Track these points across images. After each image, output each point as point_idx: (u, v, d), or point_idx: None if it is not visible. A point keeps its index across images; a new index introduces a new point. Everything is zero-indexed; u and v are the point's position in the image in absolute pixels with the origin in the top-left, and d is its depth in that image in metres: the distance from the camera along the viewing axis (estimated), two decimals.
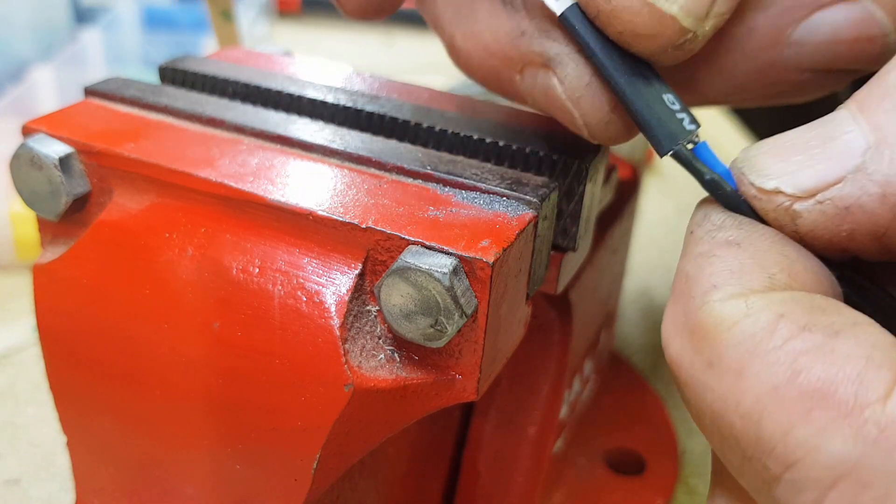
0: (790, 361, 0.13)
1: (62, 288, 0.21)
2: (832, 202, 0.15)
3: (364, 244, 0.18)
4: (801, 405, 0.13)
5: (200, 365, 0.19)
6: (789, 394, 0.13)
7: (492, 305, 0.18)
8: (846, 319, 0.14)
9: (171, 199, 0.20)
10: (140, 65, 0.66)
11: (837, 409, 0.12)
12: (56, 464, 0.32)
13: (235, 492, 0.20)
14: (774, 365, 0.13)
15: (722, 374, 0.14)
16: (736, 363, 0.14)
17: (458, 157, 0.21)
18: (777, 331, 0.13)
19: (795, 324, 0.13)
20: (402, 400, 0.19)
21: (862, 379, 0.12)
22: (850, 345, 0.13)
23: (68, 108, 0.23)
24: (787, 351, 0.13)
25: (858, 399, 0.12)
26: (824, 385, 0.13)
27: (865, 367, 0.13)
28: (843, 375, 0.13)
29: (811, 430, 0.13)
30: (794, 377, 0.13)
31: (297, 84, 0.25)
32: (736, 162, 0.16)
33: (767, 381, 0.13)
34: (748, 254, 0.15)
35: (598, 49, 0.18)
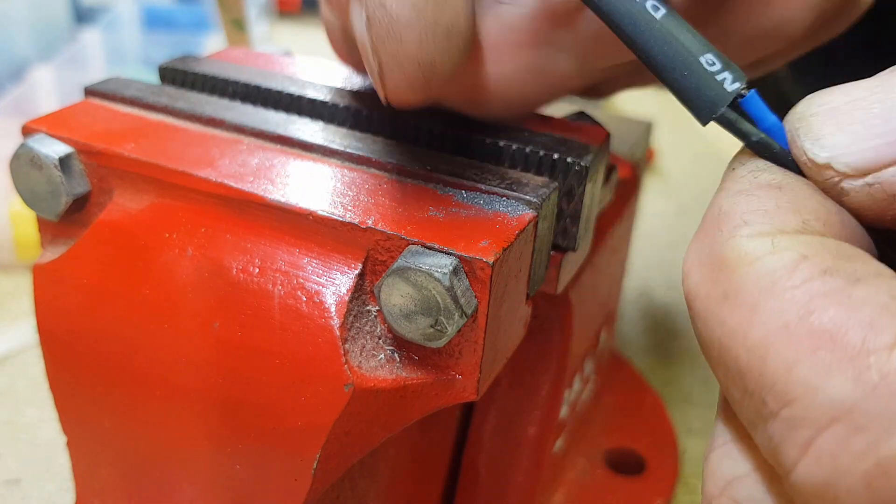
0: (805, 301, 0.13)
1: (62, 288, 0.21)
2: (881, 187, 0.14)
3: (364, 244, 0.18)
4: (809, 344, 0.13)
5: (200, 365, 0.19)
6: (798, 332, 0.13)
7: (492, 305, 0.18)
8: (870, 269, 0.13)
9: (171, 199, 0.20)
10: (140, 65, 0.66)
11: (843, 351, 0.12)
12: (56, 464, 0.32)
13: (235, 492, 0.20)
14: (789, 303, 0.13)
15: (736, 306, 0.14)
16: (751, 297, 0.14)
17: (458, 157, 0.21)
18: (797, 270, 0.13)
19: (817, 266, 0.13)
20: (402, 400, 0.19)
21: (873, 325, 0.12)
22: (869, 292, 0.13)
23: (68, 108, 0.23)
24: (803, 291, 0.13)
25: (866, 344, 0.12)
26: (835, 327, 0.13)
27: (879, 314, 0.12)
28: (855, 320, 0.13)
29: (814, 370, 0.13)
30: (805, 316, 0.13)
31: (297, 84, 0.25)
32: (792, 117, 0.16)
33: (779, 317, 0.13)
34: (787, 198, 0.15)
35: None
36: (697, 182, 0.66)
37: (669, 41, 0.16)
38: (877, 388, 0.12)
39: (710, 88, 0.16)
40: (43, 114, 0.23)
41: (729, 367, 0.14)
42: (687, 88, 0.16)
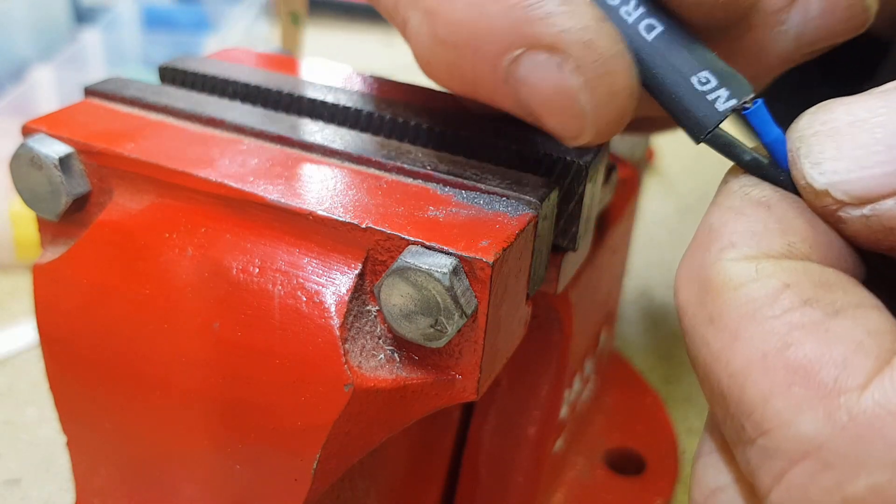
0: (784, 333, 0.13)
1: (62, 288, 0.21)
2: (879, 218, 0.14)
3: (364, 244, 0.18)
4: (784, 378, 0.13)
5: (200, 365, 0.19)
6: (775, 364, 0.13)
7: (492, 305, 0.18)
8: (851, 299, 0.14)
9: (171, 199, 0.20)
10: (140, 65, 0.66)
11: (816, 389, 0.13)
12: (56, 464, 0.32)
13: (235, 492, 0.20)
14: (768, 333, 0.13)
15: (719, 331, 0.14)
16: (734, 324, 0.14)
17: (458, 157, 0.21)
18: (779, 300, 0.14)
19: (798, 296, 0.13)
20: (402, 400, 0.19)
21: (846, 364, 0.13)
22: (846, 326, 0.13)
23: (68, 108, 0.23)
24: (783, 322, 0.13)
25: (838, 383, 0.13)
26: (810, 363, 0.13)
27: (854, 352, 0.13)
28: (830, 357, 0.13)
29: (788, 404, 0.13)
30: (783, 349, 0.13)
31: (297, 84, 0.25)
32: (793, 135, 0.15)
33: (759, 347, 0.13)
34: (775, 218, 0.15)
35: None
36: (697, 182, 0.66)
37: (660, 63, 0.16)
38: (845, 428, 0.12)
39: (699, 109, 0.16)
40: (43, 114, 0.23)
41: (713, 389, 0.14)
42: (677, 110, 0.16)
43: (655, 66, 0.16)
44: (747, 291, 0.14)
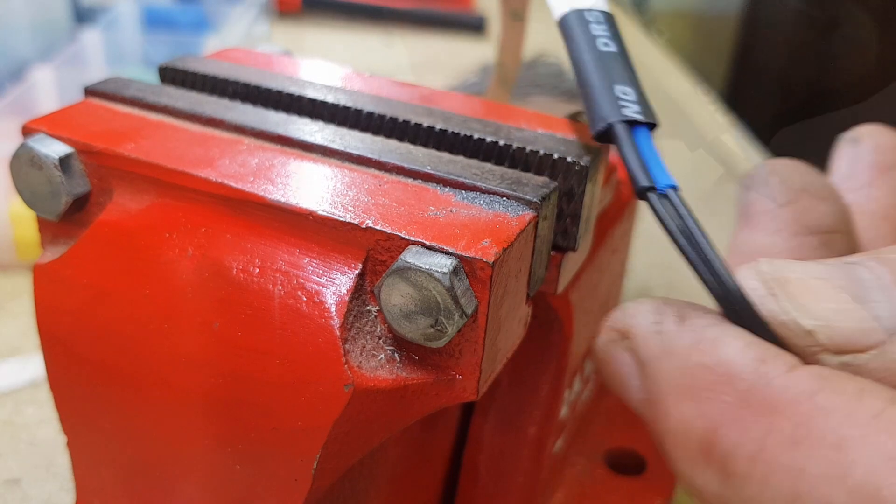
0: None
1: (62, 288, 0.21)
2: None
3: (364, 244, 0.18)
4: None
5: (200, 365, 0.19)
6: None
7: (492, 305, 0.18)
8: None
9: (171, 199, 0.20)
10: (140, 65, 0.66)
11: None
12: (56, 464, 0.32)
13: (235, 492, 0.20)
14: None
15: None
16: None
17: (458, 157, 0.21)
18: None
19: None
20: (402, 400, 0.19)
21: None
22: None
23: (68, 108, 0.23)
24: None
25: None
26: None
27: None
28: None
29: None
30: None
31: (297, 84, 0.25)
32: (761, 272, 0.15)
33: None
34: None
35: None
36: (697, 182, 0.66)
37: (597, 66, 0.18)
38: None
39: (607, 106, 0.18)
40: (43, 114, 0.23)
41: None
42: (591, 101, 0.18)
43: (593, 67, 0.18)
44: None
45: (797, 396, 0.13)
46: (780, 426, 0.13)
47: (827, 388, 0.13)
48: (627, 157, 0.17)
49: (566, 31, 0.19)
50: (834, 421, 0.13)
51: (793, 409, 0.13)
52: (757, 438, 0.13)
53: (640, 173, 0.17)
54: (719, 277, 0.15)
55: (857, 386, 0.13)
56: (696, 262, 0.15)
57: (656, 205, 0.16)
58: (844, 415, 0.13)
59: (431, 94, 0.25)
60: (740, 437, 0.13)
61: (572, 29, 0.19)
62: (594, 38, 0.19)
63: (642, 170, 0.17)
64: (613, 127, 0.18)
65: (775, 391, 0.13)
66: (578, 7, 0.20)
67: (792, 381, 0.13)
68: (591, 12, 0.20)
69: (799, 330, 0.14)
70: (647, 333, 0.16)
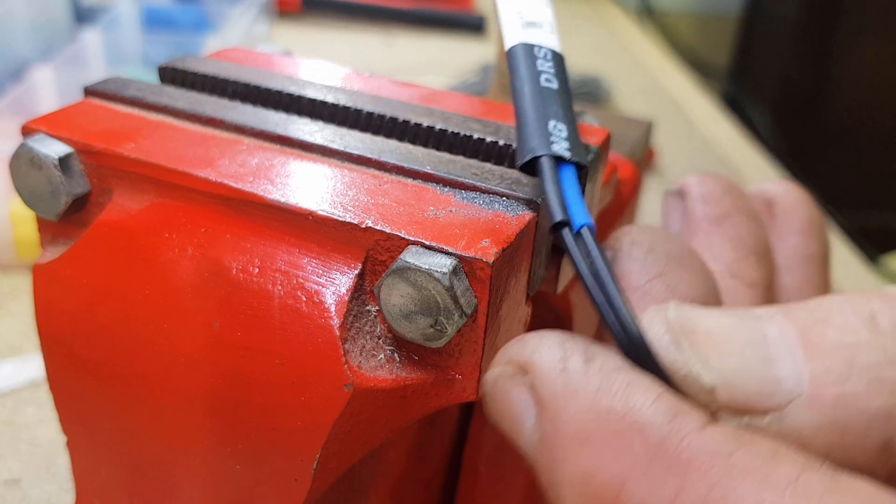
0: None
1: (62, 288, 0.21)
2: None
3: (364, 244, 0.18)
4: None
5: (200, 365, 0.19)
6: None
7: (492, 305, 0.18)
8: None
9: (170, 199, 0.20)
10: (140, 65, 0.66)
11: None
12: (56, 464, 0.32)
13: (235, 492, 0.20)
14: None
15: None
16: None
17: (458, 157, 0.21)
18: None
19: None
20: (402, 400, 0.19)
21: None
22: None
23: (68, 108, 0.23)
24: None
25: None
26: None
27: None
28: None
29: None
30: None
31: (297, 84, 0.25)
32: (667, 319, 0.15)
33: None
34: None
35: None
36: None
37: (535, 100, 0.19)
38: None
39: (537, 139, 0.18)
40: (43, 114, 0.23)
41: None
42: (522, 131, 0.18)
43: (531, 100, 0.19)
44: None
45: (712, 456, 0.13)
46: (693, 486, 0.12)
47: (742, 449, 0.13)
48: (547, 191, 0.17)
49: (512, 61, 0.20)
50: (751, 485, 0.12)
51: (707, 469, 0.12)
52: (667, 496, 0.13)
53: (558, 208, 0.16)
54: (623, 322, 0.15)
55: (771, 448, 0.13)
56: (601, 304, 0.15)
57: (568, 241, 0.16)
58: (761, 480, 0.12)
59: (431, 94, 0.25)
60: (649, 493, 0.13)
61: (518, 60, 0.20)
62: (538, 74, 0.19)
63: (560, 205, 0.17)
64: (539, 160, 0.18)
65: (689, 448, 0.13)
66: (529, 42, 0.20)
67: (706, 438, 0.13)
68: (540, 49, 0.20)
69: (699, 386, 0.14)
70: (550, 370, 0.14)
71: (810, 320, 0.14)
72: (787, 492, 0.12)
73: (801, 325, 0.14)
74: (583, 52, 0.92)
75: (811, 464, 0.13)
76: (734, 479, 0.12)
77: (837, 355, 0.14)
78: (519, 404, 0.15)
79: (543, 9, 0.21)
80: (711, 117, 0.81)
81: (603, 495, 0.13)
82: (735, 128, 0.79)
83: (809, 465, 0.13)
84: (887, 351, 0.14)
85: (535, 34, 0.20)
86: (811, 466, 0.13)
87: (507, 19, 0.21)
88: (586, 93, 0.75)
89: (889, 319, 0.14)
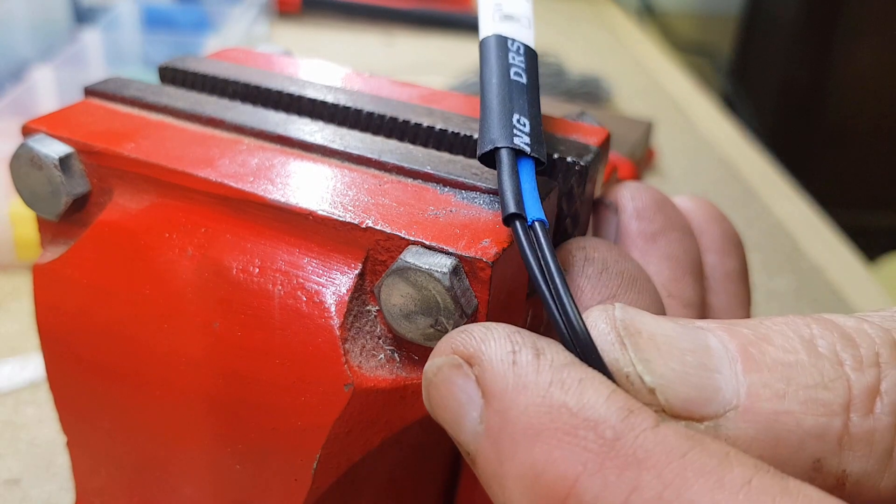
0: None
1: (62, 288, 0.21)
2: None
3: (364, 244, 0.18)
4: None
5: (200, 365, 0.19)
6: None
7: (492, 305, 0.18)
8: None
9: (171, 199, 0.20)
10: (140, 65, 0.66)
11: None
12: (56, 464, 0.32)
13: (235, 492, 0.20)
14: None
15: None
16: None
17: (458, 157, 0.21)
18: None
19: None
20: (402, 400, 0.19)
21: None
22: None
23: (68, 108, 0.23)
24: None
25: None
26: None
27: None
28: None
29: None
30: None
31: (297, 84, 0.25)
32: (612, 318, 0.15)
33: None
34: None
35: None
36: (697, 182, 0.66)
37: (503, 92, 0.19)
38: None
39: (499, 131, 0.18)
40: (43, 114, 0.23)
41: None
42: (485, 122, 0.18)
43: (497, 91, 0.19)
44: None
45: (667, 454, 0.13)
46: (648, 483, 0.12)
47: (696, 449, 0.13)
48: (504, 183, 0.17)
49: (484, 52, 0.20)
50: (705, 485, 0.12)
51: (662, 467, 0.12)
52: (621, 493, 0.12)
53: (511, 200, 0.16)
54: (569, 317, 0.15)
55: (723, 449, 0.13)
56: (547, 298, 0.15)
57: (519, 234, 0.16)
58: (716, 480, 0.12)
59: (431, 94, 0.25)
60: (602, 490, 0.13)
61: (489, 51, 0.19)
62: (509, 67, 0.19)
63: (514, 197, 0.16)
64: (498, 151, 0.17)
65: (644, 446, 0.13)
66: (503, 34, 0.20)
67: (660, 437, 0.13)
68: (514, 42, 0.20)
69: (641, 386, 0.14)
70: (499, 363, 0.14)
71: (752, 336, 0.14)
72: (740, 493, 0.12)
73: (742, 339, 0.14)
74: (583, 52, 0.92)
75: (762, 466, 0.13)
76: (688, 479, 0.12)
77: (776, 372, 0.14)
78: (462, 395, 0.15)
79: (523, 3, 0.21)
80: (711, 117, 0.81)
81: (554, 490, 0.13)
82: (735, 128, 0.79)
83: (761, 467, 0.13)
84: (824, 374, 0.14)
85: (510, 27, 0.20)
86: (763, 469, 0.13)
87: (484, 10, 0.21)
88: (586, 93, 0.75)
89: (827, 344, 0.14)
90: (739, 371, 0.14)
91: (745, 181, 0.68)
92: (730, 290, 0.23)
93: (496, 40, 0.20)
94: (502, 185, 0.17)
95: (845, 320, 0.15)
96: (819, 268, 0.55)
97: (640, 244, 0.21)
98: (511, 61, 0.19)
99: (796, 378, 0.14)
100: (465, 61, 0.81)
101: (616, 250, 0.19)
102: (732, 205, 0.63)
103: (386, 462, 0.23)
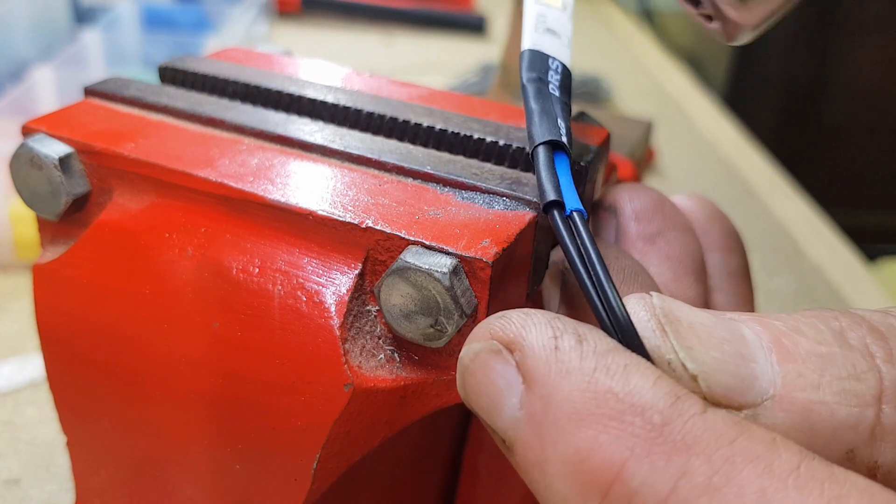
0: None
1: (62, 288, 0.21)
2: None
3: (364, 244, 0.18)
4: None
5: (200, 365, 0.19)
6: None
7: (492, 305, 0.18)
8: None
9: (170, 199, 0.20)
10: (140, 65, 0.66)
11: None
12: (56, 464, 0.32)
13: (235, 492, 0.20)
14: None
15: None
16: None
17: (458, 157, 0.21)
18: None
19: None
20: (402, 400, 0.19)
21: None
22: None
23: (68, 108, 0.23)
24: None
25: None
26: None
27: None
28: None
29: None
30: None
31: (297, 84, 0.25)
32: (652, 305, 0.15)
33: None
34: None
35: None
36: (697, 182, 0.66)
37: (546, 102, 0.19)
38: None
39: (546, 126, 0.18)
40: (43, 114, 0.23)
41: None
42: (532, 119, 0.19)
43: (542, 99, 0.19)
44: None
45: (717, 440, 0.13)
46: (697, 469, 0.12)
47: (744, 435, 0.13)
48: (542, 173, 0.17)
49: (527, 62, 0.20)
50: (754, 471, 0.12)
51: (711, 453, 0.12)
52: (669, 479, 0.12)
53: (551, 189, 0.17)
54: (610, 305, 0.15)
55: (770, 436, 0.13)
56: (587, 285, 0.15)
57: (558, 222, 0.16)
58: (765, 465, 0.12)
59: (431, 94, 0.25)
60: (650, 475, 0.12)
61: (534, 62, 0.20)
62: (548, 83, 0.20)
63: (554, 186, 0.17)
64: (537, 147, 0.18)
65: (693, 431, 0.13)
66: (546, 50, 0.20)
67: (708, 423, 0.13)
68: (553, 60, 0.20)
69: (684, 373, 0.14)
70: (540, 348, 0.14)
71: (783, 328, 0.15)
72: (789, 479, 0.12)
73: (774, 330, 0.14)
74: (583, 52, 0.92)
75: (807, 453, 0.13)
76: (738, 465, 0.12)
77: (810, 363, 0.14)
78: (501, 381, 0.15)
79: (566, 22, 0.22)
80: (711, 117, 0.81)
81: (599, 475, 0.13)
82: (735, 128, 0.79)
83: (807, 454, 0.13)
84: (856, 366, 0.14)
85: (552, 42, 0.21)
86: (809, 455, 0.13)
87: (530, 20, 0.21)
88: (586, 93, 0.75)
89: (858, 337, 0.14)
90: (774, 361, 0.14)
91: (745, 181, 0.68)
92: (734, 288, 0.23)
93: (540, 56, 0.20)
94: (540, 175, 0.17)
95: (871, 314, 0.15)
96: (819, 268, 0.55)
97: (640, 246, 0.21)
98: (550, 78, 0.20)
99: (829, 369, 0.14)
100: (465, 61, 0.81)
101: (615, 248, 0.19)
102: (732, 205, 0.63)
103: (386, 462, 0.23)
